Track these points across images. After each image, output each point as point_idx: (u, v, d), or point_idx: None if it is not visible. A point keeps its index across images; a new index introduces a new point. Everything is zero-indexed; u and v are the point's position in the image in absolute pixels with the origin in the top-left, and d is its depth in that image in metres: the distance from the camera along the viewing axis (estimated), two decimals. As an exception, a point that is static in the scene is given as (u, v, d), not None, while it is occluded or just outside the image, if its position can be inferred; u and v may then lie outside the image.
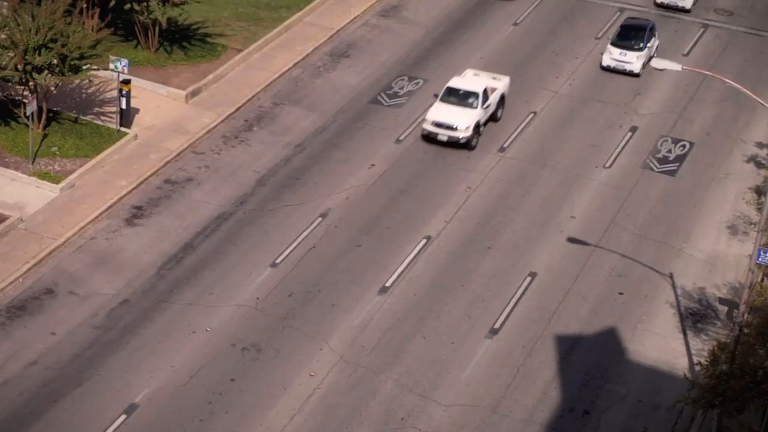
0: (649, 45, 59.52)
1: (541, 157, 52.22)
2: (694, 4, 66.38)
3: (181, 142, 50.85)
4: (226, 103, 54.03)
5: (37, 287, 42.18)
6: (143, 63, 55.49)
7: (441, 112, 51.66)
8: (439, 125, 51.39)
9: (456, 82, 52.86)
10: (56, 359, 39.10)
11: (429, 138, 51.84)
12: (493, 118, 53.29)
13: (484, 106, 52.13)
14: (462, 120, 51.22)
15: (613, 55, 58.88)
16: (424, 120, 52.15)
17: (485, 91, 52.32)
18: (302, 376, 39.44)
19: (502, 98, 53.89)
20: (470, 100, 51.90)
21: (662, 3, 66.35)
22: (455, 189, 49.56)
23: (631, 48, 58.89)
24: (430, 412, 38.48)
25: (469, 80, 53.21)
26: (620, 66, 58.78)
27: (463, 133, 51.21)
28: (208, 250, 44.87)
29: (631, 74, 58.68)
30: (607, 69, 59.05)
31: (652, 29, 60.46)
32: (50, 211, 45.75)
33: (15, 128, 49.84)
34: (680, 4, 66.13)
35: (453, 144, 51.38)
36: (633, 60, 58.56)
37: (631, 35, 59.52)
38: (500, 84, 53.92)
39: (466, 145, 51.44)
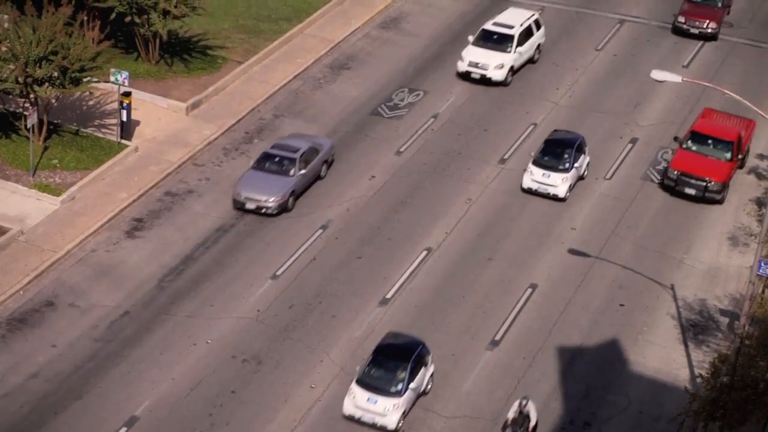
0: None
1: (541, 168, 52.20)
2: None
3: (181, 155, 50.87)
4: (227, 115, 54.06)
5: (38, 299, 42.16)
6: (144, 75, 55.53)
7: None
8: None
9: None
10: (57, 371, 39.07)
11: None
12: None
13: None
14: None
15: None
16: None
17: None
18: (303, 387, 39.41)
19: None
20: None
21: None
22: (456, 200, 49.57)
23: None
24: (431, 423, 38.42)
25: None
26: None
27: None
28: (209, 262, 44.86)
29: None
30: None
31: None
32: (51, 224, 45.75)
33: (15, 141, 49.87)
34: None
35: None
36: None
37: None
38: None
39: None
